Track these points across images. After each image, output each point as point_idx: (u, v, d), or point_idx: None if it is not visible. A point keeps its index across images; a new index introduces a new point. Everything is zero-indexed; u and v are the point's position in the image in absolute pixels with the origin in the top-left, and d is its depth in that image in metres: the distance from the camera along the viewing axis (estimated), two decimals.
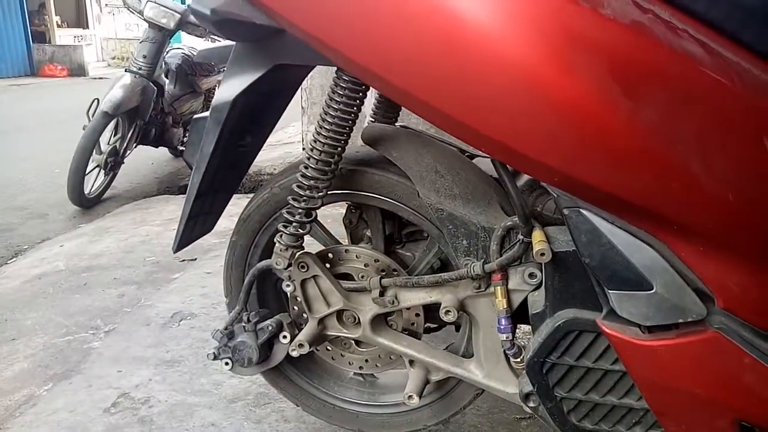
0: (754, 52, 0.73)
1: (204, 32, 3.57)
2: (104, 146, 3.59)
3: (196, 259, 2.48)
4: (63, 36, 14.91)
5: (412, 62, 0.76)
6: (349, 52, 0.79)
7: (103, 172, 3.68)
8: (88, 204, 3.56)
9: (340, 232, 1.25)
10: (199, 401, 1.50)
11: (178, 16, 3.42)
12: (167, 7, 3.41)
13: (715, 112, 0.72)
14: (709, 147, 0.72)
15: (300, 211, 1.02)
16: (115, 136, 3.64)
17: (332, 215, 1.35)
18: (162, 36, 3.51)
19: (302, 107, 3.55)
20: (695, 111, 0.71)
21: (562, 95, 0.71)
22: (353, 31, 0.78)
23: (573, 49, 0.71)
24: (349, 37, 0.79)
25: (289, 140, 4.27)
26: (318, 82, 3.37)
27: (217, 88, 3.66)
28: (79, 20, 16.63)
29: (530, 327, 0.95)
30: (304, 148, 3.77)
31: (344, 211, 1.24)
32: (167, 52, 3.94)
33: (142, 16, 3.43)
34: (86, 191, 3.53)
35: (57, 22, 14.91)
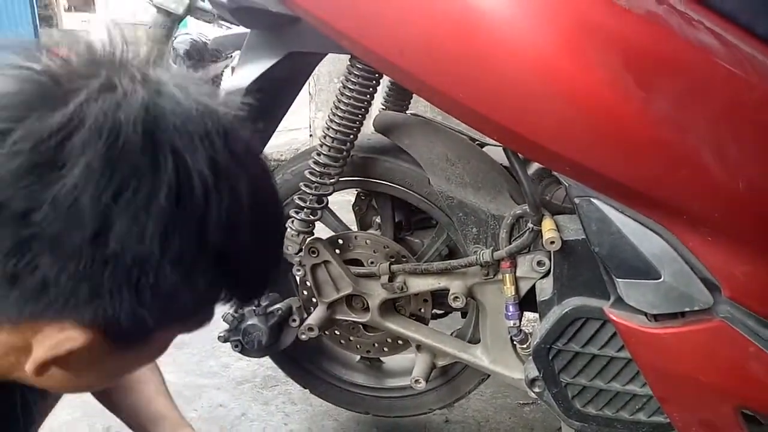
0: None
1: (213, 18, 3.56)
2: None
3: None
4: (70, 20, 14.88)
5: (425, 49, 0.76)
6: (363, 39, 0.80)
7: None
8: None
9: (347, 219, 1.26)
10: (207, 382, 1.52)
11: (187, 1, 3.41)
12: None
13: (727, 102, 0.72)
14: (720, 137, 0.73)
15: (312, 197, 1.04)
16: None
17: (339, 202, 1.36)
18: (170, 21, 3.50)
19: (309, 94, 3.55)
20: (707, 101, 0.72)
21: (575, 84, 0.71)
22: (367, 18, 0.79)
23: (587, 38, 0.72)
24: (363, 24, 0.80)
25: (296, 126, 4.28)
26: (326, 69, 3.37)
27: (223, 74, 3.66)
28: (87, 4, 16.59)
29: (537, 314, 0.96)
30: (311, 135, 3.77)
31: (353, 198, 1.26)
32: (175, 38, 3.93)
33: (151, 1, 3.42)
34: None
35: (64, 5, 14.88)
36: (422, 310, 1.14)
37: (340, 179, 1.04)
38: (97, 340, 0.40)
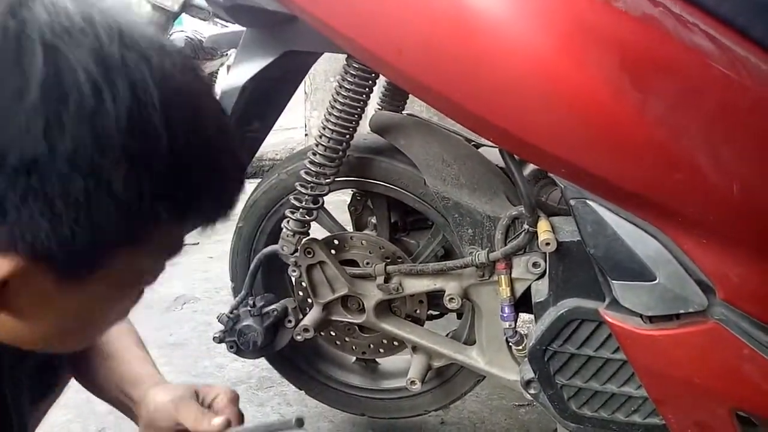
0: (764, 47, 0.74)
1: (208, 15, 3.55)
2: None
3: (198, 244, 2.49)
4: None
5: (422, 50, 0.76)
6: (360, 39, 0.80)
7: None
8: None
9: (343, 219, 1.26)
10: (202, 383, 1.52)
11: None
12: None
13: (722, 105, 0.72)
14: (715, 140, 0.73)
15: (307, 197, 1.03)
16: None
17: (335, 202, 1.36)
18: (165, 18, 3.49)
19: (305, 92, 3.54)
20: (703, 104, 0.72)
21: (570, 85, 0.71)
22: (364, 17, 0.79)
23: (583, 40, 0.72)
24: (360, 23, 0.79)
25: (291, 125, 4.28)
26: (322, 67, 3.36)
27: (219, 72, 3.65)
28: None
29: (533, 315, 0.96)
30: (306, 134, 3.77)
31: (349, 198, 1.25)
32: (170, 35, 3.92)
33: None
34: None
35: None
36: (418, 311, 1.14)
37: (336, 179, 1.04)
38: (31, 270, 0.37)
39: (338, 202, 1.37)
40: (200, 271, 2.21)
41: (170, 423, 0.67)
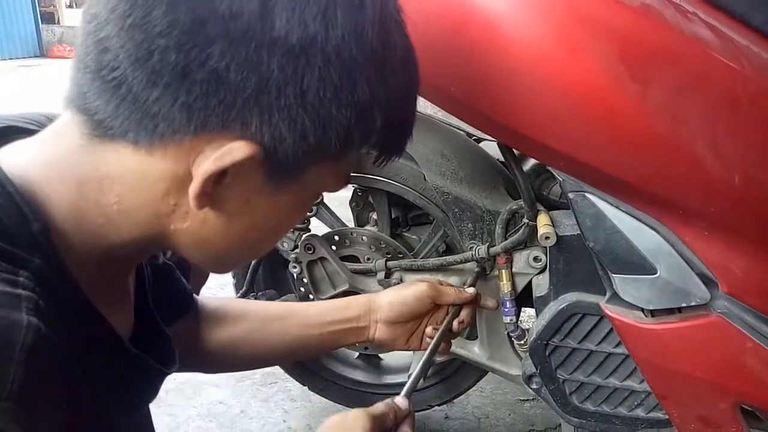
0: (764, 35, 0.73)
1: None
2: None
3: None
4: (72, 16, 14.90)
5: (417, 43, 0.75)
6: None
7: None
8: None
9: (345, 215, 1.25)
10: (207, 380, 1.53)
11: None
12: None
13: (723, 95, 0.71)
14: (716, 130, 0.72)
15: None
16: None
17: (338, 198, 1.36)
18: None
19: None
20: (703, 94, 0.71)
21: (568, 78, 0.71)
22: None
23: (581, 31, 0.71)
24: None
25: None
26: None
27: None
28: None
29: (534, 310, 0.96)
30: None
31: (350, 194, 1.25)
32: None
33: None
34: None
35: (65, 2, 14.89)
36: None
37: None
38: (257, 162, 0.40)
39: (341, 198, 1.37)
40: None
41: (424, 308, 0.77)
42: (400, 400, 0.60)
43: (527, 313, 1.53)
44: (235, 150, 0.38)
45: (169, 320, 0.62)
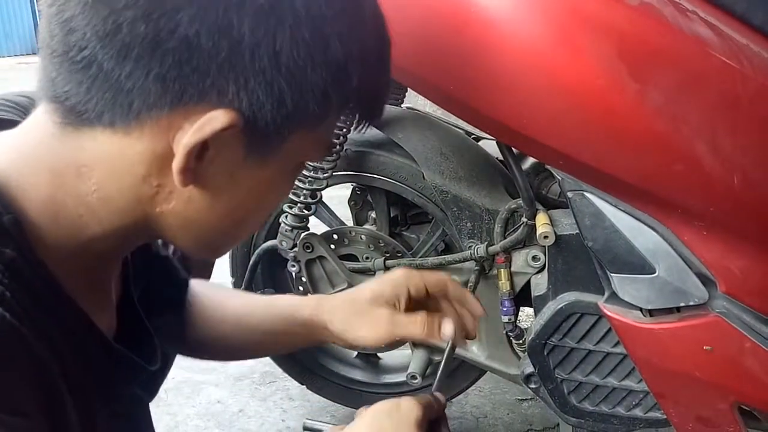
0: (764, 34, 0.72)
1: None
2: None
3: None
4: None
5: (417, 41, 0.75)
6: None
7: None
8: None
9: (344, 214, 1.25)
10: (205, 379, 1.52)
11: None
12: None
13: (722, 94, 0.71)
14: (715, 130, 0.72)
15: (305, 191, 1.03)
16: None
17: (337, 197, 1.36)
18: None
19: None
20: (702, 93, 0.71)
21: (567, 77, 0.70)
22: None
23: (580, 30, 0.71)
24: None
25: None
26: None
27: None
28: None
29: (533, 309, 0.96)
30: None
31: (349, 193, 1.25)
32: None
33: None
34: None
35: None
36: None
37: (334, 173, 1.03)
38: (237, 131, 0.39)
39: (340, 197, 1.36)
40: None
41: (397, 295, 0.63)
42: (438, 394, 0.58)
43: (525, 312, 1.53)
44: (215, 119, 0.38)
45: (162, 311, 0.61)
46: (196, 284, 0.70)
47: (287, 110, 0.40)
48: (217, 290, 0.73)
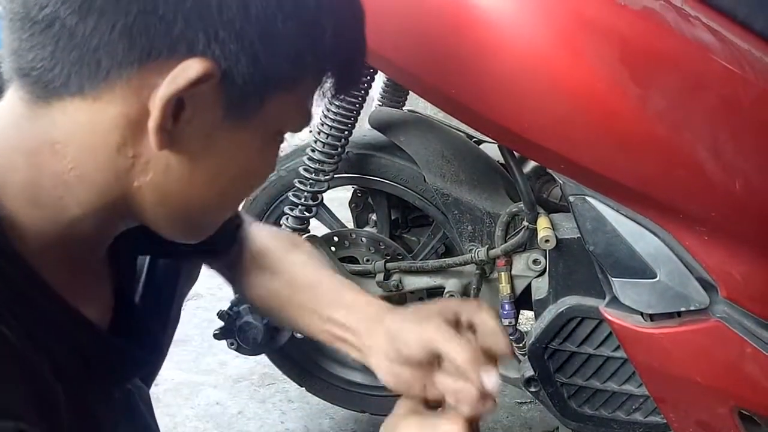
0: (765, 39, 0.73)
1: None
2: None
3: None
4: None
5: (418, 44, 0.76)
6: None
7: None
8: None
9: (345, 216, 1.25)
10: (204, 380, 1.52)
11: None
12: None
13: (724, 99, 0.71)
14: (717, 135, 0.72)
15: (306, 194, 1.03)
16: None
17: (339, 199, 1.36)
18: None
19: None
20: (704, 98, 0.71)
21: (570, 81, 0.71)
22: None
23: (583, 34, 0.71)
24: None
25: None
26: None
27: None
28: None
29: (533, 313, 0.96)
30: (310, 131, 3.76)
31: (350, 195, 1.25)
32: None
33: None
34: None
35: None
36: None
37: (335, 176, 1.03)
38: (213, 86, 0.38)
39: (340, 199, 1.37)
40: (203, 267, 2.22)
41: (421, 355, 0.52)
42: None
43: (526, 315, 1.53)
44: (189, 68, 0.36)
45: (207, 258, 0.59)
46: (260, 239, 0.66)
47: (261, 66, 0.38)
48: (287, 253, 0.66)
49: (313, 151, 1.01)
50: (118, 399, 0.50)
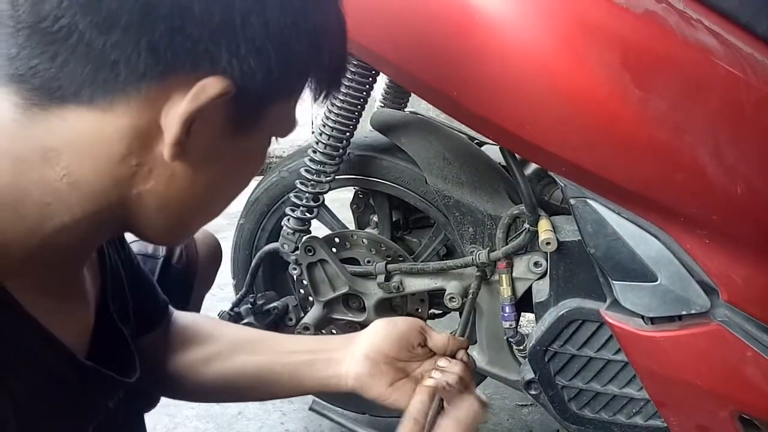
0: None
1: None
2: None
3: None
4: None
5: (419, 46, 0.76)
6: (356, 36, 0.79)
7: None
8: None
9: (346, 217, 1.25)
10: None
11: None
12: None
13: (726, 102, 0.71)
14: (718, 138, 0.71)
15: (308, 195, 1.03)
16: None
17: (340, 200, 1.36)
18: None
19: None
20: (706, 102, 0.71)
21: (571, 83, 0.70)
22: (361, 13, 0.78)
23: (584, 37, 0.71)
24: (356, 19, 0.78)
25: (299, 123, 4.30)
26: None
27: None
28: None
29: (534, 315, 0.96)
30: (313, 132, 3.77)
31: (352, 196, 1.25)
32: None
33: None
34: None
35: None
36: (419, 310, 1.14)
37: (337, 177, 1.04)
38: (226, 100, 0.38)
39: (342, 200, 1.36)
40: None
41: (408, 347, 0.63)
42: None
43: (527, 317, 1.53)
44: (209, 86, 0.37)
45: (141, 331, 0.58)
46: (187, 315, 0.68)
47: (274, 80, 0.40)
48: (220, 322, 0.72)
49: (314, 152, 1.01)
50: (105, 424, 0.48)
